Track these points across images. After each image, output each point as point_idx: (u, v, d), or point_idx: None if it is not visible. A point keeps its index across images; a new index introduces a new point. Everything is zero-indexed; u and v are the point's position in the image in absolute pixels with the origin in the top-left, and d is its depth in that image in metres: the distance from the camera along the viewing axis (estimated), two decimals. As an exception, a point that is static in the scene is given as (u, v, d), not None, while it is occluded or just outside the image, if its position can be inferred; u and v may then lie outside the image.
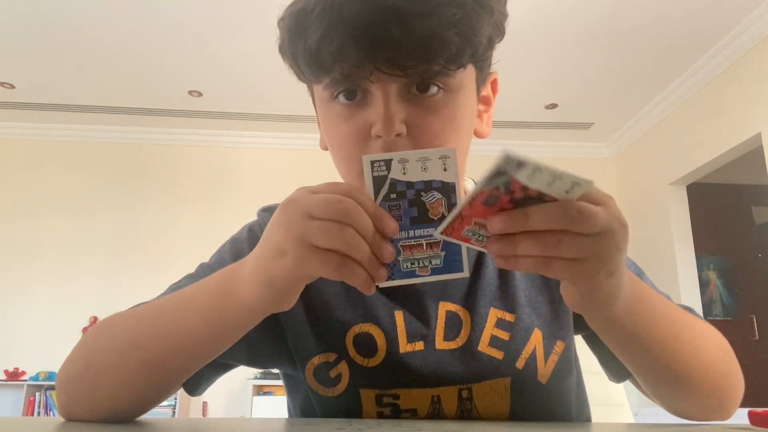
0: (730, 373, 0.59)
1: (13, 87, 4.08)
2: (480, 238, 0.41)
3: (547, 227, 0.38)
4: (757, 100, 3.34)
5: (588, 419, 0.70)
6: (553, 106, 4.29)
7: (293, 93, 4.10)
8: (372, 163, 0.44)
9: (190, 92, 4.15)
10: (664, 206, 4.22)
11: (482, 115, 0.64)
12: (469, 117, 0.59)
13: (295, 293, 0.47)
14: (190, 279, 0.64)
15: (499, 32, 0.57)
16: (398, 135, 0.52)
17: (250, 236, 0.69)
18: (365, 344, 0.62)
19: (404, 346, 0.62)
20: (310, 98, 0.65)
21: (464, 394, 0.61)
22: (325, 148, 0.64)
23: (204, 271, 0.64)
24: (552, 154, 4.90)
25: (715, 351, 0.58)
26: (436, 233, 0.42)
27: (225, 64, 3.79)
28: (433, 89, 0.54)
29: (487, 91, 0.64)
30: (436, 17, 0.50)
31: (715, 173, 3.96)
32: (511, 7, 0.59)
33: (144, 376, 0.52)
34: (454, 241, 0.42)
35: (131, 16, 3.30)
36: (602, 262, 0.41)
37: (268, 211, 0.71)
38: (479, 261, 0.66)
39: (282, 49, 0.60)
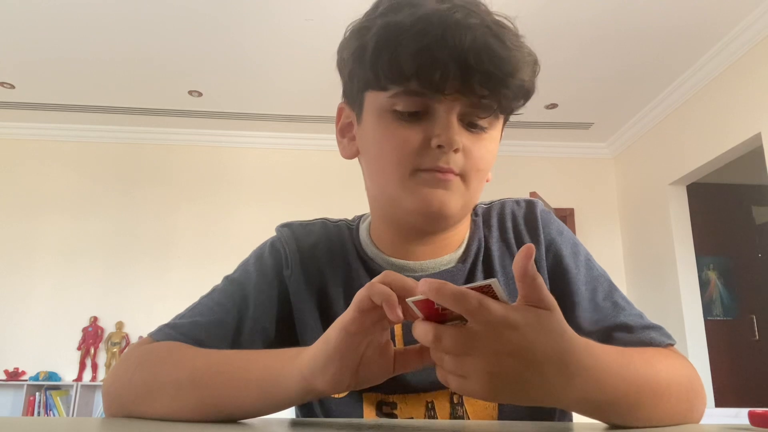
0: (689, 411, 0.60)
1: (13, 87, 4.08)
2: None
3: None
4: (757, 100, 3.33)
5: (570, 419, 0.72)
6: (553, 106, 4.29)
7: (293, 93, 4.12)
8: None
9: (190, 92, 4.15)
10: (664, 206, 4.22)
11: None
12: (495, 155, 0.67)
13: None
14: (221, 294, 0.69)
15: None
16: (455, 150, 0.60)
17: (273, 253, 0.73)
18: None
19: None
20: (343, 108, 0.70)
21: (455, 399, 0.65)
22: (350, 157, 0.70)
23: (230, 287, 0.70)
24: (552, 154, 4.90)
25: (677, 398, 0.58)
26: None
27: (225, 64, 3.79)
28: (482, 124, 0.62)
29: None
30: (515, 64, 0.59)
31: (715, 173, 3.96)
32: (511, 8, 0.62)
33: (199, 410, 0.57)
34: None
35: (131, 15, 3.30)
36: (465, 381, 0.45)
37: (287, 227, 0.75)
38: (470, 274, 0.70)
39: (358, 53, 0.63)
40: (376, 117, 0.63)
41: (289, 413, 0.77)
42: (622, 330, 0.65)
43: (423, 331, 0.43)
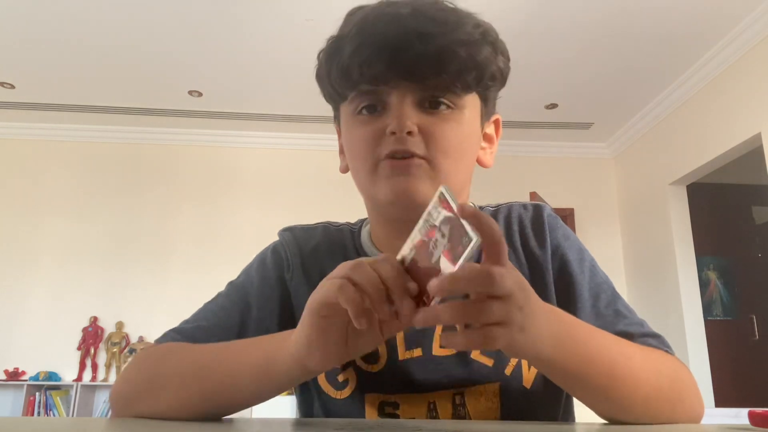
0: (677, 401, 0.60)
1: (13, 87, 4.08)
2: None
3: (470, 291, 0.42)
4: (757, 100, 3.33)
5: (572, 420, 0.73)
6: (553, 106, 4.29)
7: (293, 93, 4.12)
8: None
9: (190, 92, 4.15)
10: (664, 206, 4.22)
11: (486, 151, 0.71)
12: (473, 138, 0.66)
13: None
14: (224, 298, 0.71)
15: (502, 77, 0.66)
16: (410, 133, 0.60)
17: (275, 257, 0.74)
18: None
19: (403, 354, 0.66)
20: (336, 127, 0.73)
21: (457, 399, 0.65)
22: (344, 171, 0.71)
23: (234, 291, 0.72)
24: (552, 154, 4.90)
25: (656, 381, 0.58)
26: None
27: (225, 64, 3.79)
28: (442, 107, 0.62)
29: (490, 129, 0.72)
30: (451, 38, 0.60)
31: (715, 173, 3.96)
32: (511, 7, 0.62)
33: (201, 402, 0.58)
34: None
35: (131, 15, 3.30)
36: (511, 323, 0.44)
37: (289, 231, 0.76)
38: None
39: (319, 74, 0.68)
40: (346, 125, 0.67)
41: (292, 413, 0.77)
42: (622, 338, 0.65)
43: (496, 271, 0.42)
